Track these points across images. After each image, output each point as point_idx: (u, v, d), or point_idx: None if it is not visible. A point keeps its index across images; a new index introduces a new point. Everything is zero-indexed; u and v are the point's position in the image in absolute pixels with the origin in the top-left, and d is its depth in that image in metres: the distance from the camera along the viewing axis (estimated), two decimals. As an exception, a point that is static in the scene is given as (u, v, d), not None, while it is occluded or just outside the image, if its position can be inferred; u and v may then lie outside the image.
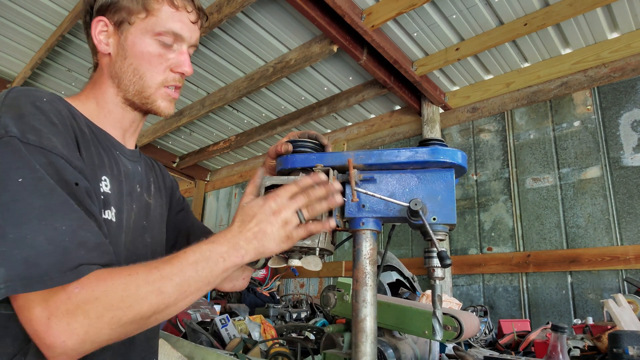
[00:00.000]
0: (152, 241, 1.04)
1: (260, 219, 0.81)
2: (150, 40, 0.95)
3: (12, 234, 0.65)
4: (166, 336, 1.81)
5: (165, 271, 0.72)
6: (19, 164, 0.69)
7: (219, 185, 5.44)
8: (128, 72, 0.96)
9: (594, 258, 2.51)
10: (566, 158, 2.76)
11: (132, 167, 1.02)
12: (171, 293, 0.72)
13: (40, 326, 0.64)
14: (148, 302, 0.69)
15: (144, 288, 0.69)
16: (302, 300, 3.61)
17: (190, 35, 0.99)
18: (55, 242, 0.66)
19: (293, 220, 0.83)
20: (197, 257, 0.75)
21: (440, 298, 0.85)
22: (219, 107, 3.78)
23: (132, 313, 0.68)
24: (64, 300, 0.65)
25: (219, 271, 0.77)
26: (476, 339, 2.04)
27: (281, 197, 0.83)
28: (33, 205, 0.67)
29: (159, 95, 0.98)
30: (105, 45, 0.97)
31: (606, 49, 2.69)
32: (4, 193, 0.68)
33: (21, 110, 0.75)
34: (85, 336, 0.65)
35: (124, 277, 0.69)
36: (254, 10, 2.74)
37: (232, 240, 0.80)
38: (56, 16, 2.98)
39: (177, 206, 1.24)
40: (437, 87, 3.29)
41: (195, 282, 0.74)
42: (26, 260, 0.64)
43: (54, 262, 0.65)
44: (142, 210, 1.01)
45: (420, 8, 2.55)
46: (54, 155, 0.73)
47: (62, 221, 0.68)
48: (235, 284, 1.17)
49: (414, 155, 0.88)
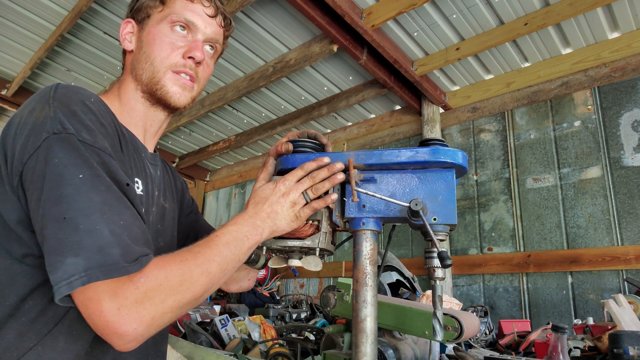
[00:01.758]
0: (165, 245, 1.05)
1: (272, 201, 0.90)
2: (162, 27, 0.98)
3: (83, 225, 0.68)
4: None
5: (208, 254, 0.79)
6: (78, 161, 0.72)
7: (219, 185, 5.43)
8: (141, 61, 0.99)
9: (595, 258, 2.51)
10: (567, 158, 2.76)
11: (153, 170, 1.04)
12: (216, 273, 0.78)
13: (112, 317, 0.66)
14: (200, 283, 0.75)
15: (196, 271, 0.75)
16: (302, 301, 3.60)
17: (204, 26, 1.00)
18: (117, 235, 0.69)
19: (300, 201, 0.91)
20: (229, 238, 0.83)
21: (440, 298, 0.84)
22: (219, 107, 3.78)
23: (189, 294, 0.73)
24: (132, 290, 0.68)
25: (246, 248, 0.85)
26: (476, 340, 2.04)
27: (289, 180, 0.92)
28: (94, 199, 0.70)
29: (168, 79, 0.98)
30: (129, 43, 1.02)
31: (607, 48, 2.69)
32: (68, 186, 0.70)
33: (73, 108, 0.77)
34: (152, 321, 0.69)
35: (177, 263, 0.74)
36: (253, 9, 2.74)
37: (250, 221, 0.88)
38: (56, 16, 2.97)
39: (187, 209, 1.25)
40: (437, 86, 3.29)
41: (232, 260, 0.82)
42: (100, 249, 0.67)
43: (121, 252, 0.68)
44: (159, 214, 1.03)
45: (421, 8, 2.54)
46: (107, 155, 0.77)
47: (119, 216, 0.72)
48: (242, 284, 1.20)
49: (414, 155, 0.88)
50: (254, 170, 4.98)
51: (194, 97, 1.05)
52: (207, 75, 1.07)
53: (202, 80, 1.05)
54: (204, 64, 1.03)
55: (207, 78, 1.08)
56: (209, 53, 1.06)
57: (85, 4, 2.71)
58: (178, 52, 0.98)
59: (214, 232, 0.85)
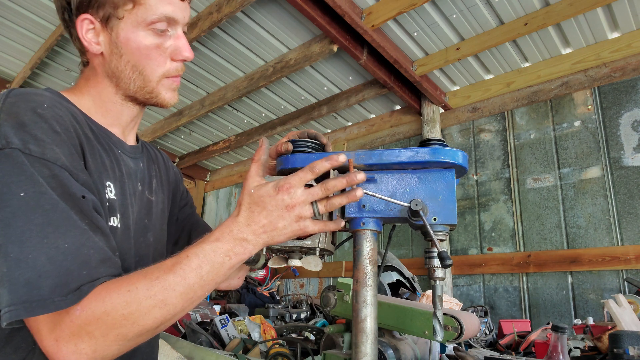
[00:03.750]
0: (155, 240, 1.02)
1: (271, 212, 0.73)
2: (144, 33, 0.89)
3: (13, 253, 0.64)
4: (166, 336, 1.81)
5: (168, 281, 0.68)
6: (20, 178, 0.67)
7: (219, 185, 5.43)
8: (126, 70, 0.91)
9: (595, 258, 2.51)
10: (567, 158, 2.76)
11: (134, 164, 1.00)
12: (176, 303, 0.69)
13: (50, 348, 0.65)
14: (152, 316, 0.67)
15: (146, 302, 0.67)
16: (302, 301, 3.60)
17: (183, 16, 0.94)
18: (57, 263, 0.65)
19: (307, 214, 0.75)
20: (200, 261, 0.70)
21: (440, 298, 0.84)
22: (219, 107, 3.78)
23: (137, 328, 0.67)
24: (67, 323, 0.65)
25: (225, 270, 0.73)
26: (476, 340, 2.04)
27: (295, 187, 0.74)
28: (35, 222, 0.66)
29: (162, 87, 0.94)
30: (96, 45, 0.90)
31: (607, 48, 2.69)
32: (4, 209, 0.66)
33: (21, 118, 0.72)
34: (93, 354, 0.65)
35: (123, 294, 0.66)
36: (253, 9, 2.74)
37: (238, 235, 0.73)
38: (55, 16, 2.96)
39: (181, 201, 1.21)
40: (437, 86, 3.29)
41: (200, 287, 0.71)
42: (28, 282, 0.63)
43: (55, 284, 0.64)
44: (144, 209, 1.00)
45: (421, 8, 2.54)
46: (58, 167, 0.71)
47: (64, 238, 0.67)
48: (231, 282, 1.15)
49: (414, 155, 0.87)
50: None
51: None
52: None
53: None
54: None
55: None
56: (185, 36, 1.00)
57: (85, 4, 2.70)
58: (166, 56, 0.93)
59: (185, 250, 0.72)
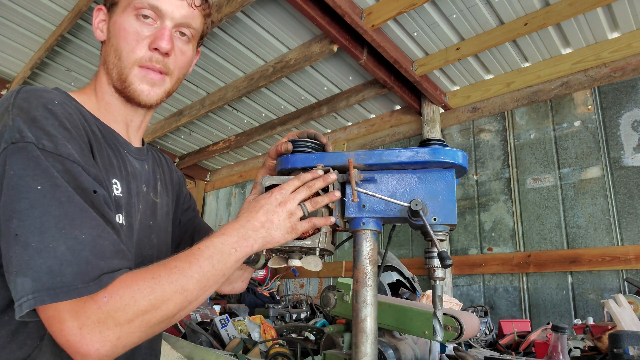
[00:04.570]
0: (158, 241, 1.03)
1: (267, 209, 0.85)
2: (128, 17, 0.90)
3: (34, 243, 0.64)
4: (166, 336, 1.80)
5: (185, 270, 0.73)
6: (36, 171, 0.68)
7: (219, 185, 5.43)
8: (110, 54, 0.92)
9: (595, 258, 2.51)
10: (567, 158, 2.76)
11: (139, 165, 1.00)
12: (193, 290, 0.73)
13: (73, 337, 0.64)
14: (174, 302, 0.71)
15: (169, 289, 0.70)
16: (302, 301, 3.60)
17: (172, 10, 0.91)
18: (76, 252, 0.66)
19: (297, 212, 0.87)
20: (212, 252, 0.77)
21: (440, 298, 0.84)
22: (219, 107, 3.78)
23: (160, 314, 0.69)
24: (94, 310, 0.65)
25: (232, 262, 0.80)
26: (476, 340, 2.04)
27: (285, 189, 0.87)
28: (52, 213, 0.66)
29: (135, 77, 0.91)
30: (100, 32, 0.95)
31: (607, 48, 2.69)
32: (22, 200, 0.67)
33: (33, 113, 0.73)
34: (117, 342, 0.66)
35: (148, 281, 0.69)
36: (253, 9, 2.74)
37: (240, 231, 0.82)
38: (56, 16, 2.97)
39: (184, 204, 1.22)
40: (437, 86, 3.29)
41: (213, 275, 0.76)
42: (50, 270, 0.64)
43: (77, 272, 0.65)
44: (149, 210, 1.00)
45: (421, 8, 2.54)
46: (70, 162, 0.72)
47: (81, 229, 0.68)
48: (235, 286, 1.15)
49: (414, 155, 0.88)
50: (254, 170, 4.98)
51: (169, 90, 0.97)
52: (183, 64, 0.98)
53: (177, 71, 0.97)
54: (176, 53, 0.95)
55: (183, 67, 0.99)
56: (182, 40, 0.96)
57: (85, 4, 2.71)
58: (144, 44, 0.90)
59: (196, 244, 0.78)
